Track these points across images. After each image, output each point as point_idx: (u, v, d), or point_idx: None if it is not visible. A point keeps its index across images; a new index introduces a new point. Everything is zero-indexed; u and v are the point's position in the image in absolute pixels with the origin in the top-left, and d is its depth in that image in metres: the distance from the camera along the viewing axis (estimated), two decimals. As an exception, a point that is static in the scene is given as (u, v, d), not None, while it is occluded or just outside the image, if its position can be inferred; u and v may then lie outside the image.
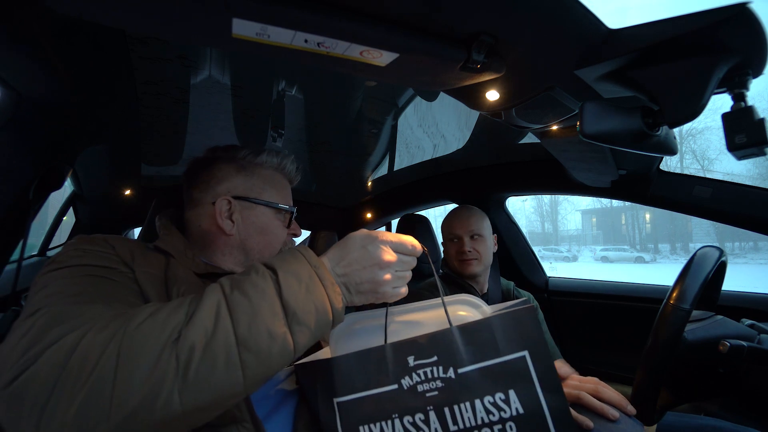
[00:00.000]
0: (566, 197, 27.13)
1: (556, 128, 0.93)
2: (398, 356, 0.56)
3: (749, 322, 0.83)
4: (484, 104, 0.84)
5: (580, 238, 30.08)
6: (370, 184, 2.10)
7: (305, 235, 2.54)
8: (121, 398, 0.40)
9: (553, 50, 0.65)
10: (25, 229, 1.01)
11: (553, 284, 1.76)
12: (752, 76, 0.58)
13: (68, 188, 1.97)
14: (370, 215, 2.31)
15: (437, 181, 1.93)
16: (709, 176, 1.35)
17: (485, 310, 0.64)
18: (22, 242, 1.01)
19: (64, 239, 2.21)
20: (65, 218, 2.11)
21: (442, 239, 1.43)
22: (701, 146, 22.68)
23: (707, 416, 0.95)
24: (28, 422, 0.38)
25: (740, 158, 0.59)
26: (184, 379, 0.42)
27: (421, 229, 1.79)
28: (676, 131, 0.75)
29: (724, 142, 0.57)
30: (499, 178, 1.70)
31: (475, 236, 1.30)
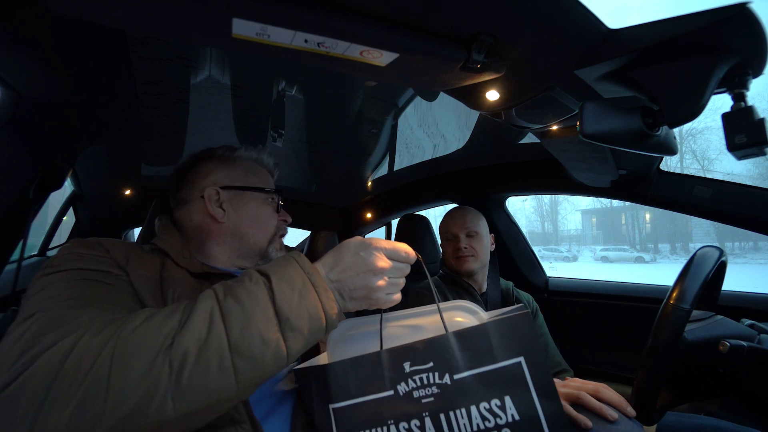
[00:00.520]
0: (566, 197, 27.12)
1: (556, 128, 0.93)
2: (394, 362, 0.56)
3: (749, 322, 0.83)
4: (484, 104, 0.84)
5: (580, 238, 30.06)
6: (370, 184, 2.10)
7: (305, 235, 2.54)
8: (114, 402, 0.40)
9: (553, 50, 0.65)
10: (25, 229, 1.01)
11: (553, 284, 1.76)
12: (752, 76, 0.58)
13: (68, 188, 1.97)
14: (370, 215, 2.31)
15: (437, 181, 1.93)
16: (709, 176, 1.35)
17: (482, 316, 0.64)
18: (22, 242, 1.02)
19: (64, 239, 2.21)
20: (65, 218, 2.11)
21: (440, 241, 1.43)
22: (701, 146, 22.66)
23: (707, 416, 0.95)
24: (22, 425, 0.38)
25: (740, 158, 0.59)
26: (177, 384, 0.42)
27: (421, 229, 1.78)
28: (676, 131, 0.75)
29: (724, 142, 0.57)
30: (499, 178, 1.70)
31: (470, 233, 1.31)
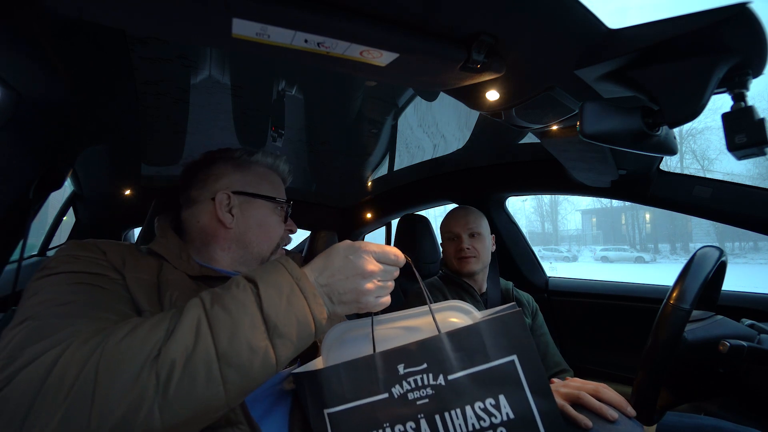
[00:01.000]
0: (566, 197, 27.12)
1: (556, 128, 0.93)
2: (388, 365, 0.56)
3: (749, 322, 0.83)
4: (484, 104, 0.84)
5: (580, 238, 30.06)
6: (370, 184, 2.10)
7: (305, 235, 2.54)
8: (100, 416, 0.39)
9: (553, 50, 0.65)
10: (25, 229, 1.01)
11: (553, 284, 1.76)
12: (752, 76, 0.58)
13: (68, 188, 1.97)
14: (370, 215, 2.31)
15: (437, 181, 1.93)
16: (709, 176, 1.35)
17: (476, 316, 0.64)
18: (22, 242, 1.02)
19: (64, 239, 2.21)
20: (65, 218, 2.11)
21: (441, 240, 1.43)
22: (701, 146, 22.65)
23: (707, 416, 0.95)
24: None
25: (740, 158, 0.59)
26: (164, 395, 0.42)
27: (421, 229, 1.78)
28: (676, 131, 0.75)
29: (724, 142, 0.57)
30: (499, 178, 1.70)
31: (473, 234, 1.31)
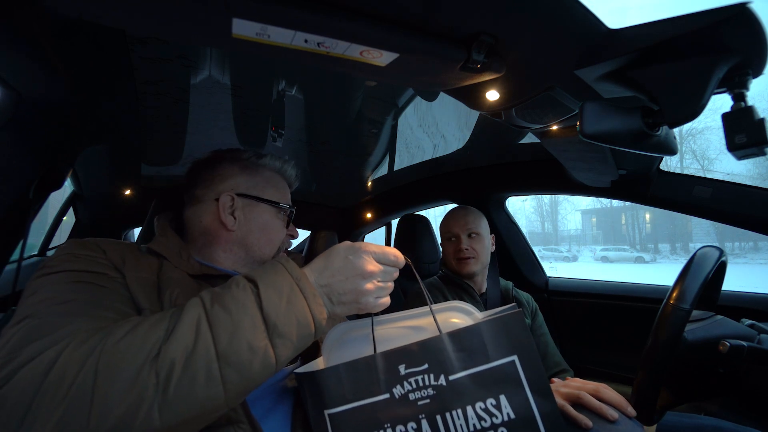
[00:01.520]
0: (566, 197, 27.12)
1: (556, 128, 0.93)
2: (389, 365, 0.56)
3: (749, 322, 0.83)
4: (484, 104, 0.84)
5: (580, 238, 30.05)
6: (370, 184, 2.10)
7: (305, 235, 2.54)
8: (99, 416, 0.39)
9: (553, 50, 0.65)
10: (25, 229, 1.01)
11: (553, 284, 1.76)
12: (752, 76, 0.58)
13: (68, 188, 1.97)
14: (370, 215, 2.31)
15: (437, 181, 1.93)
16: (709, 176, 1.35)
17: (477, 316, 0.64)
18: (22, 242, 1.02)
19: (64, 239, 2.20)
20: (65, 218, 2.11)
21: (440, 240, 1.43)
22: (701, 146, 22.64)
23: (707, 416, 0.95)
24: None
25: (740, 158, 0.59)
26: (164, 395, 0.42)
27: (421, 229, 1.78)
28: (676, 131, 0.75)
29: (724, 142, 0.57)
30: (499, 178, 1.70)
31: (472, 234, 1.31)
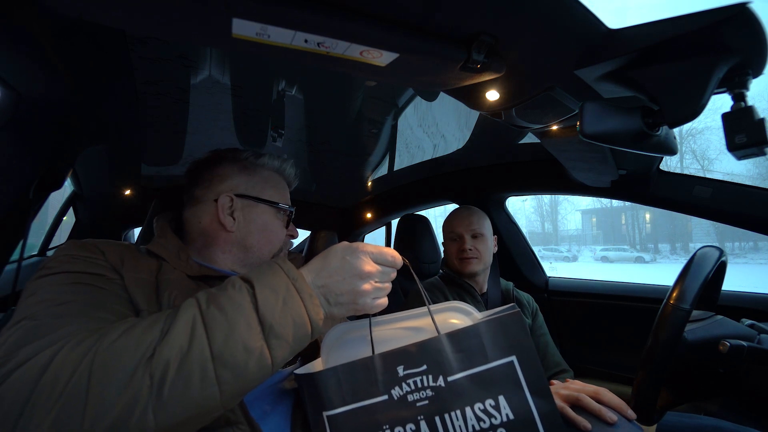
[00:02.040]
0: (566, 197, 27.12)
1: (556, 128, 0.93)
2: (387, 366, 0.56)
3: (749, 322, 0.83)
4: (484, 104, 0.84)
5: (580, 238, 30.05)
6: (370, 184, 2.10)
7: (305, 235, 2.54)
8: (93, 417, 0.39)
9: (553, 50, 0.65)
10: (25, 229, 1.01)
11: (553, 284, 1.76)
12: (752, 76, 0.58)
13: (68, 188, 1.97)
14: (370, 215, 2.31)
15: (437, 181, 1.93)
16: (709, 176, 1.35)
17: (476, 316, 0.64)
18: (22, 242, 1.02)
19: (64, 239, 2.21)
20: (65, 218, 2.11)
21: (442, 239, 1.43)
22: (701, 146, 22.63)
23: (707, 416, 0.95)
24: None
25: (740, 158, 0.59)
26: (158, 396, 0.41)
27: (421, 229, 1.78)
28: (676, 131, 0.75)
29: (724, 142, 0.57)
30: (499, 178, 1.70)
31: (476, 235, 1.31)
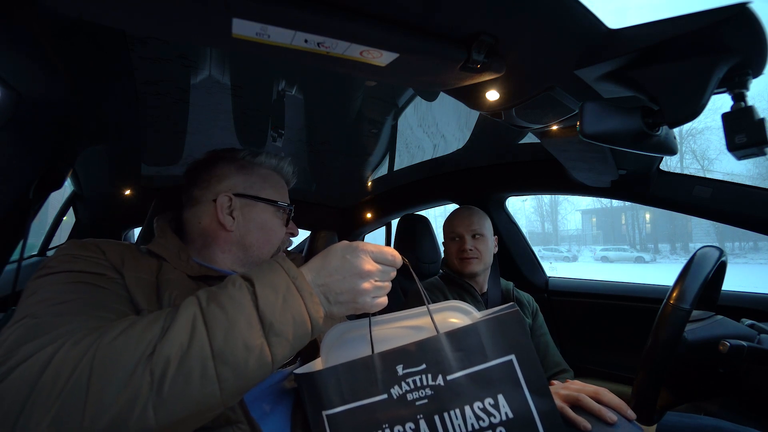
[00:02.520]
0: (566, 197, 27.12)
1: (556, 128, 0.93)
2: (387, 365, 0.56)
3: (749, 322, 0.83)
4: (484, 104, 0.84)
5: (580, 238, 30.05)
6: (370, 184, 2.10)
7: (305, 234, 2.54)
8: (93, 414, 0.39)
9: (553, 50, 0.65)
10: (25, 229, 1.01)
11: (553, 284, 1.76)
12: (752, 76, 0.58)
13: (68, 188, 1.97)
14: (370, 215, 2.31)
15: (437, 181, 1.93)
16: (709, 176, 1.35)
17: (476, 316, 0.64)
18: (22, 242, 1.02)
19: (64, 239, 2.21)
20: (65, 218, 2.11)
21: (443, 239, 1.43)
22: (701, 146, 22.65)
23: (707, 416, 0.95)
24: None
25: (740, 158, 0.59)
26: (158, 393, 0.42)
27: (421, 229, 1.78)
28: (676, 131, 0.75)
29: (724, 142, 0.57)
30: (499, 178, 1.70)
31: (476, 235, 1.31)
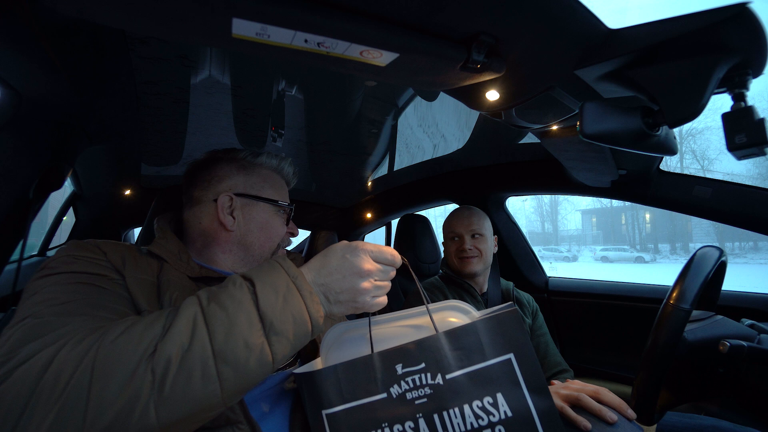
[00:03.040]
0: (566, 197, 27.14)
1: (556, 128, 0.93)
2: (386, 364, 0.56)
3: (749, 322, 0.83)
4: (484, 104, 0.84)
5: (580, 238, 30.07)
6: (370, 184, 2.10)
7: (305, 234, 2.54)
8: (95, 413, 0.39)
9: (553, 50, 0.65)
10: (25, 229, 1.01)
11: (553, 284, 1.76)
12: (752, 76, 0.58)
13: (68, 188, 1.97)
14: (370, 215, 2.31)
15: (437, 181, 1.93)
16: (709, 176, 1.35)
17: (475, 315, 0.64)
18: (22, 242, 1.02)
19: (64, 239, 2.21)
20: (65, 218, 2.11)
21: (442, 239, 1.43)
22: (701, 146, 22.68)
23: (707, 416, 0.95)
24: None
25: (740, 158, 0.59)
26: (159, 393, 0.42)
27: (421, 229, 1.78)
28: (676, 131, 0.75)
29: (724, 142, 0.57)
30: (499, 178, 1.70)
31: (476, 235, 1.31)
